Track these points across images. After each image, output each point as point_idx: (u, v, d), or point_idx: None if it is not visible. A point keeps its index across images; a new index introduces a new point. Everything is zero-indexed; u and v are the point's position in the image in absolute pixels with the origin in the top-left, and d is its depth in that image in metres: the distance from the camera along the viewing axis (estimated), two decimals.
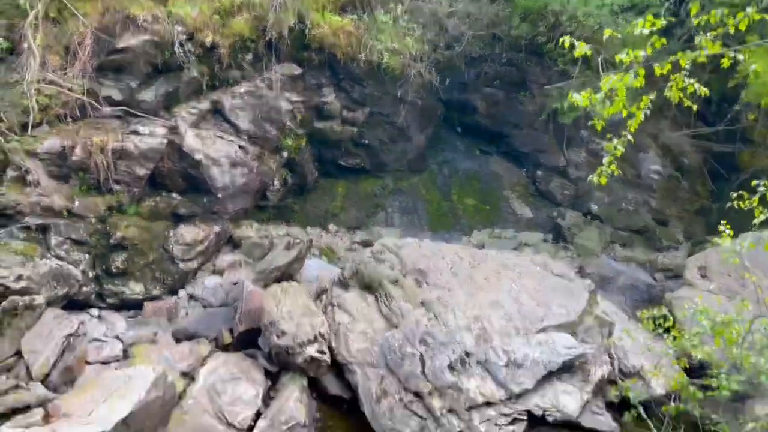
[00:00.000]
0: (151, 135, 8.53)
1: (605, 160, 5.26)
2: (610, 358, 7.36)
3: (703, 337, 5.93)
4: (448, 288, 7.96)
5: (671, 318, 6.60)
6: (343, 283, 8.57)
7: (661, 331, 6.58)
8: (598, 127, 5.21)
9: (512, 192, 12.53)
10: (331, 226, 11.17)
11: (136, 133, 8.47)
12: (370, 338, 7.54)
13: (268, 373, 7.38)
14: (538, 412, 6.63)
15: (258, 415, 6.75)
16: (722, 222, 5.41)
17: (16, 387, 6.30)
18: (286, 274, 8.92)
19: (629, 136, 5.12)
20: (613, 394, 7.06)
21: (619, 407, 7.03)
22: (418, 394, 6.80)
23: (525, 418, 6.57)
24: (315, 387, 7.38)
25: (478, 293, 7.86)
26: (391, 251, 8.65)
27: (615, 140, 5.16)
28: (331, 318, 7.87)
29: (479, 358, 6.94)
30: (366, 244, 10.50)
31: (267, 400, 7.00)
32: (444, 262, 8.52)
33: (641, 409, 6.31)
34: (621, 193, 12.14)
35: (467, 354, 6.96)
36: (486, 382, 6.75)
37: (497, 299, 7.75)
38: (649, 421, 6.14)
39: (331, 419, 7.09)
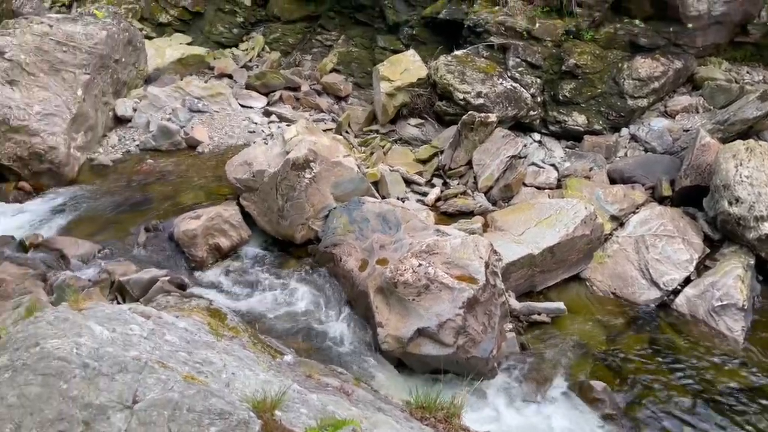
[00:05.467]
0: None
1: None
2: None
3: None
4: None
5: None
6: None
7: None
8: None
9: None
10: None
11: None
12: None
13: (707, 239, 6.53)
14: None
15: (687, 281, 6.13)
16: None
17: (464, 193, 7.11)
18: (753, 130, 7.40)
19: None
20: None
21: None
22: None
23: None
24: (763, 269, 6.24)
25: None
26: None
27: None
28: None
29: None
30: None
31: (700, 268, 6.27)
32: None
33: None
34: None
35: None
36: None
37: None
38: None
39: None
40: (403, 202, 6.83)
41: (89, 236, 6.08)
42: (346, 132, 8.28)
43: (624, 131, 8.10)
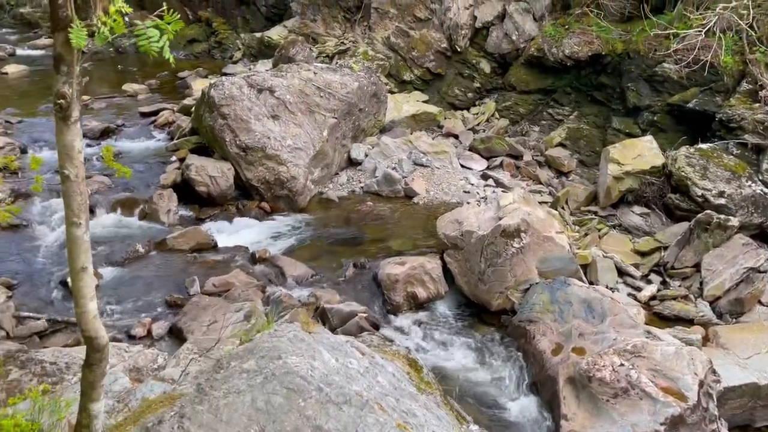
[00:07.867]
0: None
1: None
2: None
3: None
4: None
5: None
6: None
7: None
8: None
9: None
10: None
11: None
12: None
13: None
14: None
15: None
16: None
17: (685, 297, 6.42)
18: None
19: None
20: None
21: None
22: None
23: None
24: None
25: None
26: None
27: None
28: None
29: None
30: None
31: None
32: None
33: None
34: None
35: None
36: None
37: None
38: None
39: None
40: (613, 292, 6.37)
41: (306, 260, 6.67)
42: (562, 208, 8.06)
43: None
